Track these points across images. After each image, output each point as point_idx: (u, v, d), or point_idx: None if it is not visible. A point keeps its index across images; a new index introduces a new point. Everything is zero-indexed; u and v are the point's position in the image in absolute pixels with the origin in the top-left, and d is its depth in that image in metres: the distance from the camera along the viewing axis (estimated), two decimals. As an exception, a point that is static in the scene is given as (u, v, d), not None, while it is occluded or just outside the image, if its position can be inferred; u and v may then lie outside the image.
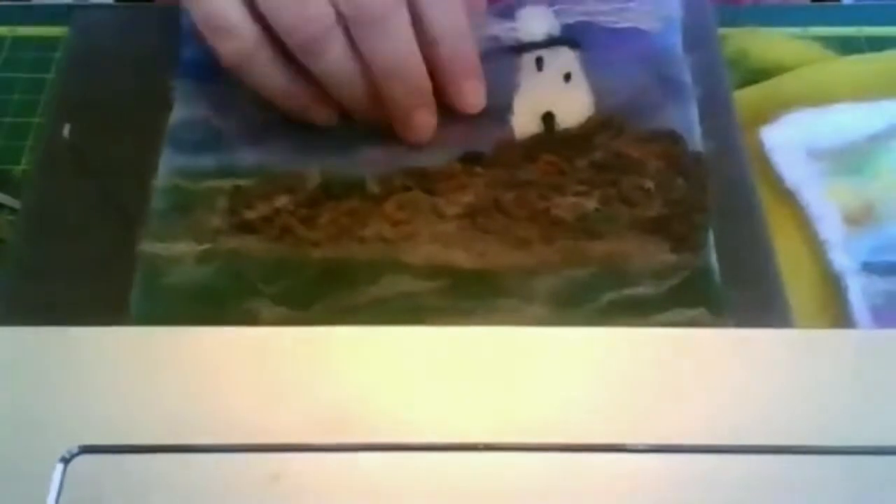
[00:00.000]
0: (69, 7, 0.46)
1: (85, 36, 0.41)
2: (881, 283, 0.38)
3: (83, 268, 0.34)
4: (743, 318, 0.33)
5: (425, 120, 0.36)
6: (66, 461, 0.24)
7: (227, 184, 0.35)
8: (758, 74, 0.45)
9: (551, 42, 0.39)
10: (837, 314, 0.37)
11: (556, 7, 0.39)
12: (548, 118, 0.37)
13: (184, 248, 0.33)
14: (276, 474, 0.24)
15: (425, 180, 0.35)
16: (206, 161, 0.36)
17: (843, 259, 0.38)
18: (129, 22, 0.43)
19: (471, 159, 0.36)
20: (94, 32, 0.41)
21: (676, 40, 0.39)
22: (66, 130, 0.37)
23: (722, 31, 0.46)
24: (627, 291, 0.32)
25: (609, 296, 0.32)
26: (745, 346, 0.27)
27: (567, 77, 0.38)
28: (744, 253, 0.35)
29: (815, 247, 0.39)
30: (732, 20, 0.45)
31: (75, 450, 0.24)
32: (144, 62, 0.40)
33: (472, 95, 0.37)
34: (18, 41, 0.48)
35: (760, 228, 0.36)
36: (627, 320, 0.32)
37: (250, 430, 0.25)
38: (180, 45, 0.39)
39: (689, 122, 0.37)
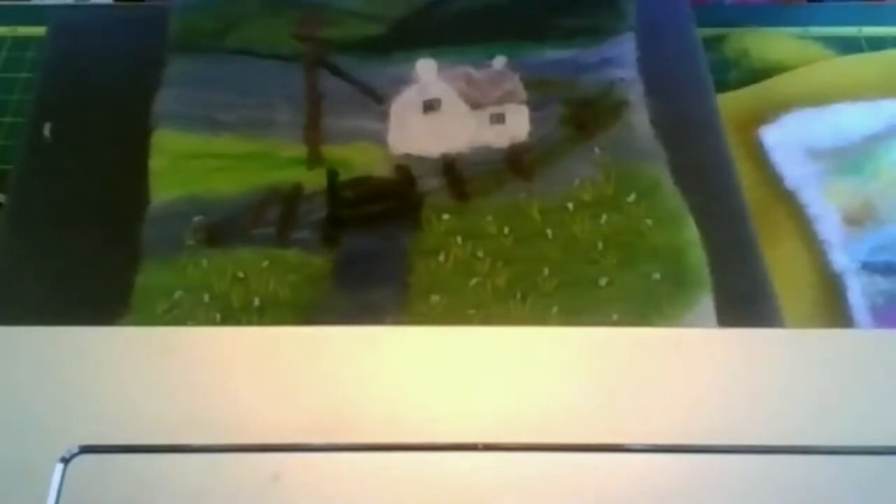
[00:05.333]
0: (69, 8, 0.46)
1: (62, 35, 0.42)
2: (881, 283, 0.38)
3: (66, 267, 0.34)
4: (735, 324, 0.33)
5: None
6: (66, 461, 0.24)
7: None
8: (758, 74, 0.45)
9: None
10: (837, 314, 0.37)
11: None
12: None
13: None
14: (276, 474, 0.24)
15: None
16: None
17: (842, 259, 0.39)
18: (107, 20, 0.43)
19: None
20: (70, 31, 0.41)
21: None
22: (46, 130, 0.37)
23: (722, 31, 0.47)
24: None
25: None
26: (746, 347, 0.27)
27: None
28: (733, 256, 0.35)
29: (815, 247, 0.39)
30: (733, 20, 0.45)
31: (75, 450, 0.24)
32: (123, 60, 0.40)
33: None
34: (19, 41, 0.48)
35: (749, 232, 0.36)
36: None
37: (250, 430, 0.25)
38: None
39: None
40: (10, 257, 0.35)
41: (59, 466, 0.24)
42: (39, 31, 0.47)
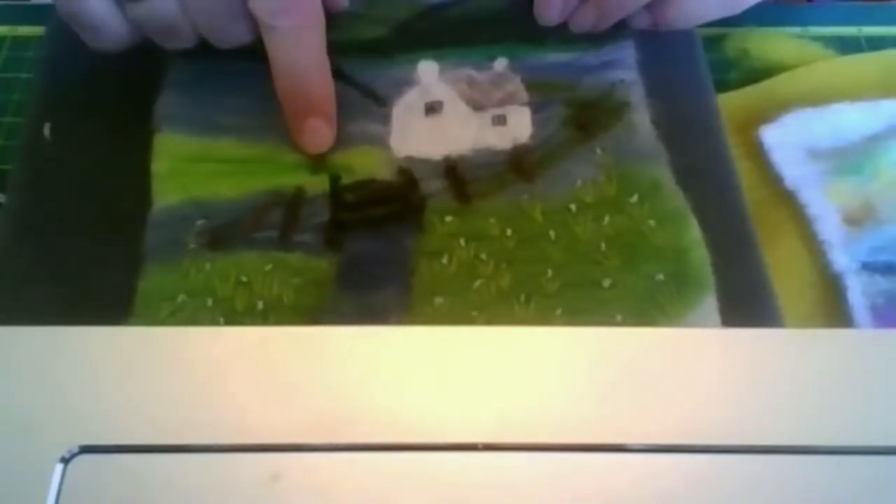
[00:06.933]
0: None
1: (62, 35, 0.42)
2: (881, 283, 0.38)
3: (67, 270, 0.34)
4: (735, 324, 0.33)
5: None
6: (66, 461, 0.24)
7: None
8: (758, 74, 0.45)
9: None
10: (837, 314, 0.37)
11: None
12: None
13: None
14: (276, 474, 0.24)
15: None
16: None
17: (842, 259, 0.38)
18: None
19: None
20: (71, 31, 0.41)
21: None
22: (46, 130, 0.37)
23: (722, 31, 0.47)
24: None
25: None
26: (746, 346, 0.27)
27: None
28: (733, 256, 0.35)
29: (815, 247, 0.39)
30: (733, 20, 0.45)
31: (75, 450, 0.24)
32: (123, 60, 0.40)
33: (312, 135, 0.37)
34: (19, 41, 0.48)
35: (749, 232, 0.36)
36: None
37: (250, 430, 0.25)
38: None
39: None
40: (10, 258, 0.35)
41: (59, 466, 0.24)
42: (39, 31, 0.46)
